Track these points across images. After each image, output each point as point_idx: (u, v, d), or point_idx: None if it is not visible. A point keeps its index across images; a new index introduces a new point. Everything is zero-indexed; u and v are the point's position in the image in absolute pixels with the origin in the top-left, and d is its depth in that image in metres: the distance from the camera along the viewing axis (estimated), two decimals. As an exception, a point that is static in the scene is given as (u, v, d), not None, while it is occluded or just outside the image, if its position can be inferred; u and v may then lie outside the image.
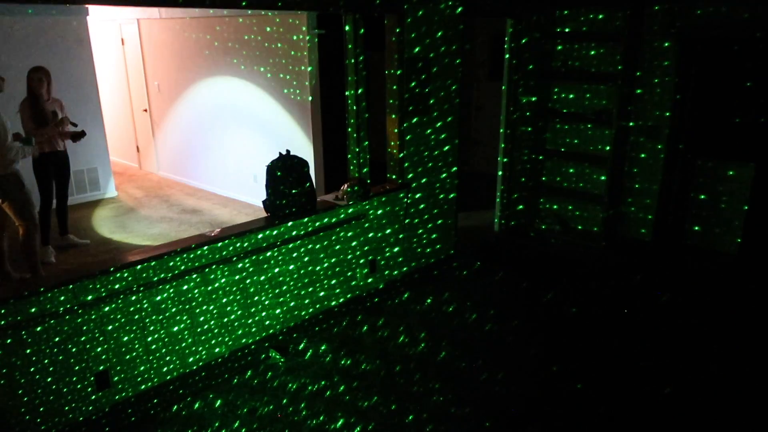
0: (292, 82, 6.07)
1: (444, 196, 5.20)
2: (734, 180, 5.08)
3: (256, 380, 3.74)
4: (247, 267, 3.80)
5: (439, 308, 4.66)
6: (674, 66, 5.08)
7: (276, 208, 3.96)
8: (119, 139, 9.06)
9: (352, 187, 4.32)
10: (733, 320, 4.43)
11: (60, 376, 3.07)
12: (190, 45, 7.18)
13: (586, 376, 3.74)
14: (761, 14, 4.59)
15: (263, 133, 6.61)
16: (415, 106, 4.68)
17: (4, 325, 2.81)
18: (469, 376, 3.76)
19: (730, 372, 3.78)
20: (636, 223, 5.63)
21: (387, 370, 3.81)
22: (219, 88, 6.99)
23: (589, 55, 5.61)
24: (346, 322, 4.45)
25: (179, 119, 7.81)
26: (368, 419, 3.35)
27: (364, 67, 4.41)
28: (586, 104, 5.74)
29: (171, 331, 3.49)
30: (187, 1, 3.41)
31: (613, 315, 4.52)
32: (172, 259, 3.38)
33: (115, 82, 8.82)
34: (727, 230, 5.19)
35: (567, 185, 6.07)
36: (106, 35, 8.60)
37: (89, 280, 3.06)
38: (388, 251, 4.81)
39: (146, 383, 3.44)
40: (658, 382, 3.66)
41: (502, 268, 5.39)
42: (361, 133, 4.54)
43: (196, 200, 7.32)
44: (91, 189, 7.38)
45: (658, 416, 3.37)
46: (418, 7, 4.46)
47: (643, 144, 5.43)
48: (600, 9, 5.43)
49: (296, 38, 5.85)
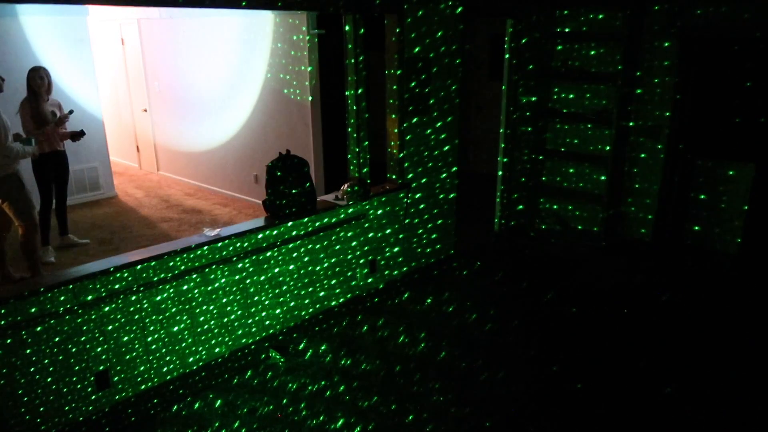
0: (292, 82, 6.07)
1: (444, 196, 5.20)
2: (734, 180, 5.08)
3: (256, 380, 3.74)
4: (247, 267, 3.80)
5: (439, 308, 4.66)
6: (674, 66, 5.08)
7: (276, 208, 3.96)
8: (119, 139, 9.06)
9: (352, 187, 4.32)
10: (733, 320, 4.44)
11: (60, 376, 3.07)
12: (190, 45, 7.18)
13: (586, 375, 3.74)
14: (761, 14, 4.59)
15: (263, 133, 6.62)
16: (415, 106, 4.68)
17: (4, 325, 2.81)
18: (469, 376, 3.76)
19: (730, 372, 3.78)
20: (636, 223, 5.63)
21: (387, 370, 3.81)
22: (219, 88, 6.99)
23: (589, 55, 5.61)
24: (346, 322, 4.45)
25: (179, 119, 7.81)
26: (368, 419, 3.35)
27: (364, 67, 4.40)
28: (586, 104, 5.75)
29: (171, 331, 3.49)
30: (187, 1, 3.41)
31: (613, 315, 4.52)
32: (172, 259, 3.38)
33: (115, 82, 8.82)
34: (727, 230, 5.19)
35: (567, 185, 6.07)
36: (106, 35, 8.60)
37: (89, 280, 3.06)
38: (388, 251, 4.82)
39: (146, 383, 3.44)
40: (658, 382, 3.66)
41: (502, 268, 5.39)
42: (361, 133, 4.54)
43: (196, 200, 7.32)
44: (91, 189, 7.38)
45: (658, 416, 3.37)
46: (418, 7, 4.46)
47: (643, 144, 5.43)
48: (600, 9, 5.43)
49: (296, 38, 5.85)
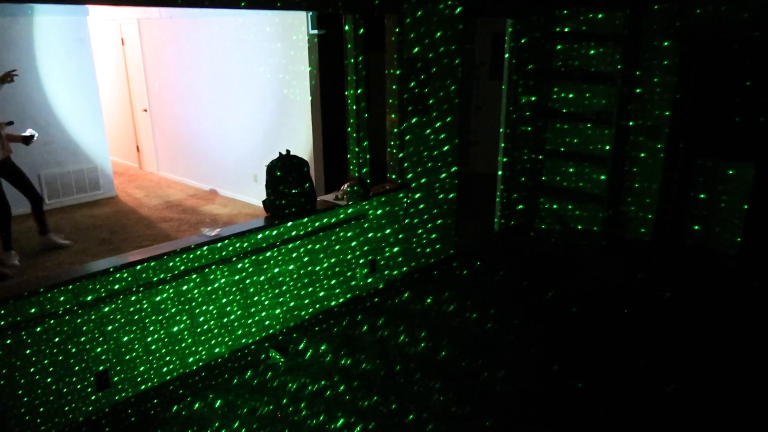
0: (292, 82, 6.07)
1: (444, 196, 5.20)
2: (734, 179, 5.08)
3: (256, 380, 3.74)
4: (247, 267, 3.80)
5: (439, 308, 4.66)
6: (674, 65, 5.08)
7: (276, 208, 3.96)
8: (119, 139, 9.06)
9: (352, 187, 4.32)
10: (733, 320, 4.44)
11: (60, 377, 3.07)
12: (190, 45, 7.18)
13: (587, 375, 3.74)
14: (761, 14, 4.59)
15: (263, 133, 6.62)
16: (414, 106, 4.68)
17: (3, 325, 2.81)
18: (469, 375, 3.76)
19: (730, 371, 3.78)
20: (636, 223, 5.63)
21: (387, 370, 3.81)
22: (219, 88, 6.99)
23: (589, 54, 5.62)
24: (346, 322, 4.45)
25: (179, 119, 7.81)
26: (368, 419, 3.35)
27: (363, 67, 4.40)
28: (585, 104, 5.75)
29: (171, 331, 3.49)
30: (186, 1, 3.41)
31: (613, 314, 4.52)
32: (172, 260, 3.38)
33: (115, 82, 8.82)
34: (726, 230, 5.19)
35: (567, 185, 6.07)
36: (106, 35, 8.60)
37: (89, 280, 3.06)
38: (388, 251, 4.82)
39: (146, 383, 3.44)
40: (658, 381, 3.66)
41: (502, 268, 5.39)
42: (361, 133, 4.54)
43: (196, 200, 7.32)
44: (91, 189, 7.38)
45: (658, 415, 3.37)
46: (417, 7, 4.46)
47: (643, 143, 5.43)
48: (600, 9, 5.43)
49: (296, 38, 5.85)
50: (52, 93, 6.85)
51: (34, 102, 6.70)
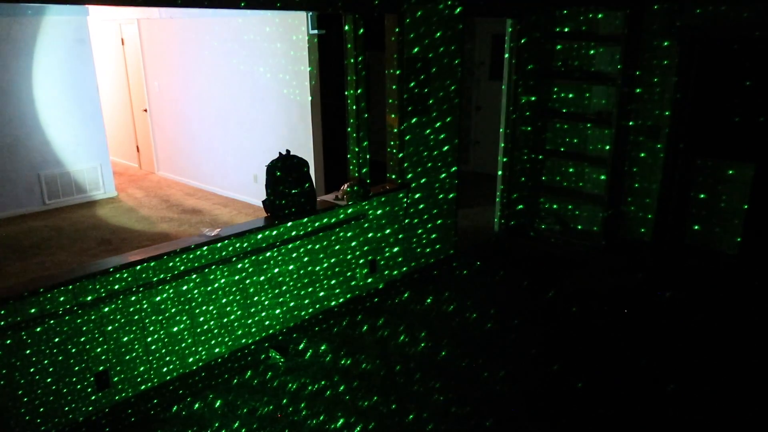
0: (292, 82, 6.07)
1: (443, 196, 5.20)
2: (734, 179, 5.07)
3: (256, 380, 3.74)
4: (247, 267, 3.80)
5: (439, 308, 4.66)
6: (674, 65, 5.08)
7: (276, 208, 3.96)
8: (119, 139, 9.06)
9: (351, 187, 4.32)
10: (734, 319, 4.44)
11: (60, 377, 3.07)
12: (190, 45, 7.18)
13: (587, 375, 3.74)
14: (761, 14, 4.59)
15: (263, 133, 6.62)
16: (414, 106, 4.68)
17: (3, 325, 2.81)
18: (469, 375, 3.76)
19: (730, 371, 3.78)
20: (636, 223, 5.63)
21: (387, 370, 3.81)
22: (219, 88, 6.99)
23: (589, 54, 5.61)
24: (346, 322, 4.45)
25: (179, 119, 7.81)
26: (368, 419, 3.35)
27: (363, 67, 4.40)
28: (585, 104, 5.74)
29: (171, 331, 3.49)
30: (186, 1, 3.41)
31: (613, 314, 4.52)
32: (172, 260, 3.38)
33: (115, 82, 8.82)
34: (727, 229, 5.19)
35: (567, 185, 6.07)
36: (106, 35, 8.60)
37: (89, 280, 3.06)
38: (388, 251, 4.82)
39: (146, 383, 3.44)
40: (658, 381, 3.66)
41: (502, 268, 5.39)
42: (360, 133, 4.54)
43: (196, 200, 7.32)
44: (91, 189, 7.38)
45: (659, 415, 3.37)
46: (417, 7, 4.46)
47: (643, 143, 5.43)
48: (600, 9, 5.43)
49: (296, 38, 5.85)
50: (52, 93, 6.84)
51: (34, 102, 6.70)
